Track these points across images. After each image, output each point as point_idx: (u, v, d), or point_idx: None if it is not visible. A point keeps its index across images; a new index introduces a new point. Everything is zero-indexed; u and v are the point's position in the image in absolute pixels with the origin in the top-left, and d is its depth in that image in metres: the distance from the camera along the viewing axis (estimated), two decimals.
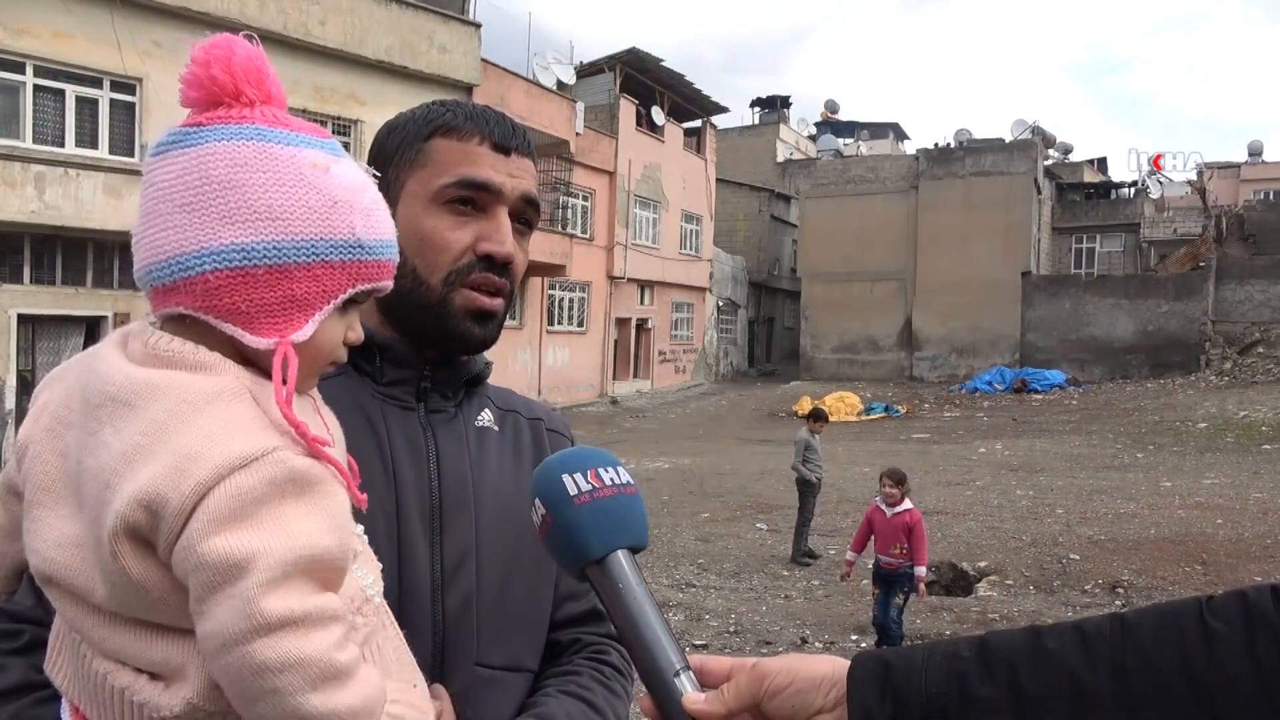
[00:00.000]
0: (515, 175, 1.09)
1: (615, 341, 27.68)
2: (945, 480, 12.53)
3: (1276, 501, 10.69)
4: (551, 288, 24.61)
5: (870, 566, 6.43)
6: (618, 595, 0.81)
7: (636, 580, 0.82)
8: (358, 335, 0.87)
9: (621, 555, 0.83)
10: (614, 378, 27.52)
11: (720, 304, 34.39)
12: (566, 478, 0.84)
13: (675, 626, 6.36)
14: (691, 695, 0.75)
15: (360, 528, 0.88)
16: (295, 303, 0.79)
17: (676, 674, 0.77)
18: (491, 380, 1.24)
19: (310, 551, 0.74)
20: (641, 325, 29.15)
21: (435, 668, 1.02)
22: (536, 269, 22.54)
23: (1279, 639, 0.67)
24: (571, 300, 25.89)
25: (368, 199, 0.84)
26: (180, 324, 0.80)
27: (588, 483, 0.84)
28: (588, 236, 25.83)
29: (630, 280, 27.88)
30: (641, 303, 29.02)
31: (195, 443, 0.73)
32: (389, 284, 0.87)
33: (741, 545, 9.21)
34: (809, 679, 0.74)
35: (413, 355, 1.10)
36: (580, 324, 26.27)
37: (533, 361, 23.79)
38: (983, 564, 8.32)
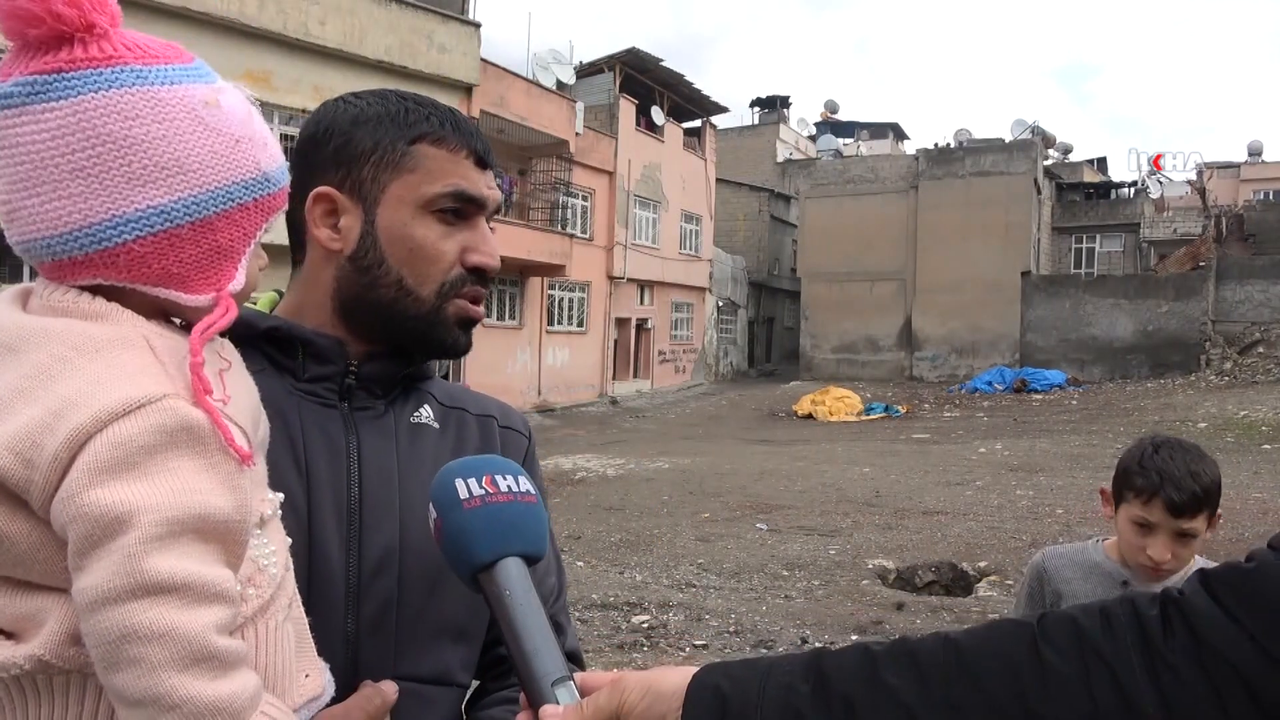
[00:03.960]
0: (490, 188, 1.09)
1: (615, 342, 27.67)
2: (945, 480, 12.53)
3: (1276, 501, 10.69)
4: (551, 288, 24.59)
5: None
6: (503, 603, 0.80)
7: (524, 589, 0.80)
8: (264, 260, 0.85)
9: (511, 563, 0.81)
10: (614, 378, 27.51)
11: (720, 304, 34.39)
12: (459, 482, 0.83)
13: (675, 627, 6.35)
14: (549, 708, 0.76)
15: (280, 496, 0.85)
16: (221, 253, 0.77)
17: (554, 684, 0.77)
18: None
19: (202, 510, 0.69)
20: (641, 325, 29.15)
21: (347, 678, 0.93)
22: (536, 269, 22.55)
23: (1113, 676, 0.65)
24: (571, 300, 25.89)
25: (258, 127, 0.81)
26: (94, 290, 0.75)
27: (481, 488, 0.83)
28: (587, 236, 25.82)
29: (630, 280, 27.88)
30: (641, 303, 29.02)
31: (77, 388, 0.68)
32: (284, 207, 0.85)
33: (741, 545, 9.20)
34: (658, 693, 0.76)
35: (339, 351, 1.04)
36: (580, 324, 26.26)
37: (532, 362, 23.78)
38: (983, 564, 8.32)
